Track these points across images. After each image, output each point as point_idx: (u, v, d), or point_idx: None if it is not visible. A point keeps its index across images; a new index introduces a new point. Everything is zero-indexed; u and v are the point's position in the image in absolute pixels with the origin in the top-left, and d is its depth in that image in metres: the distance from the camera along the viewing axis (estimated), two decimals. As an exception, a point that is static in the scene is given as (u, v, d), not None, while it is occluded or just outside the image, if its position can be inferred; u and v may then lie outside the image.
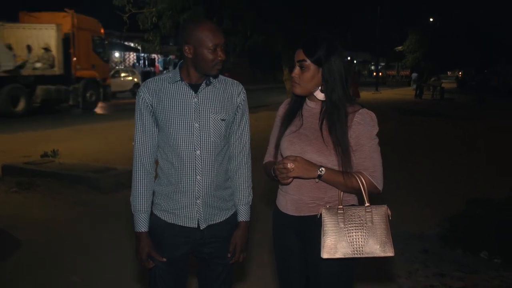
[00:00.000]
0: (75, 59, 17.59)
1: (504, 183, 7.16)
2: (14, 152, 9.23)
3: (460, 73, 54.32)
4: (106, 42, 21.19)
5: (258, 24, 14.68)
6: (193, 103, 2.18)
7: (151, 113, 2.20)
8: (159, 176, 2.29)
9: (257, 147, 2.52)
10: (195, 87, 2.19)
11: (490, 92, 31.12)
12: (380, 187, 2.11)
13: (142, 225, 2.25)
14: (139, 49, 35.17)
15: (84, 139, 11.15)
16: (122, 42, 37.16)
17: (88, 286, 3.88)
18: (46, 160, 8.08)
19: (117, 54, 38.89)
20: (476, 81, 38.93)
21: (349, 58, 54.81)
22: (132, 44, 33.90)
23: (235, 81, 2.32)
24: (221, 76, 2.28)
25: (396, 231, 4.66)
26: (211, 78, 2.21)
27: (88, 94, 18.32)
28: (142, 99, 2.20)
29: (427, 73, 32.25)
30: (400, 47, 44.45)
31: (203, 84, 2.20)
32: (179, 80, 2.19)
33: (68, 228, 5.19)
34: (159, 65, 41.12)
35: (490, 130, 13.89)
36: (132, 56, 40.59)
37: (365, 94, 28.27)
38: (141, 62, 40.65)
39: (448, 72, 59.19)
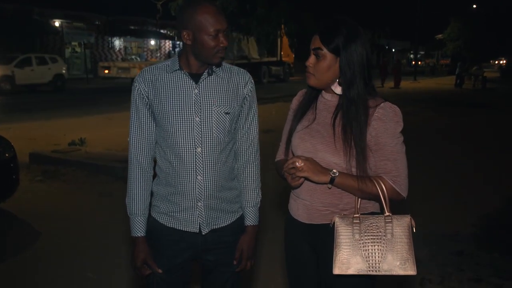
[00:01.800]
0: (282, 52, 30.23)
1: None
2: (45, 140, 9.29)
3: (502, 62, 52.39)
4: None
5: (292, 12, 14.34)
6: (193, 95, 1.94)
7: (147, 106, 1.98)
8: (158, 175, 2.07)
9: (277, 140, 2.26)
10: (195, 77, 1.96)
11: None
12: (404, 193, 1.82)
13: (138, 229, 2.04)
14: (174, 37, 35.23)
15: (115, 127, 11.08)
16: (157, 30, 37.28)
17: (102, 282, 3.74)
18: (73, 148, 8.08)
19: (152, 42, 39.07)
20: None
21: (387, 46, 53.65)
22: (166, 32, 33.97)
23: (241, 69, 2.08)
24: (225, 65, 2.04)
25: (427, 230, 4.44)
26: (213, 67, 1.98)
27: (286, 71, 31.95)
28: (137, 90, 1.98)
29: (469, 62, 31.17)
30: (440, 35, 43.18)
31: (205, 74, 1.97)
32: (178, 69, 1.96)
33: (88, 220, 5.08)
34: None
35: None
36: (168, 44, 40.73)
37: (404, 84, 27.51)
38: (177, 50, 40.70)
39: (491, 61, 57.15)
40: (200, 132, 1.94)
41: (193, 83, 1.95)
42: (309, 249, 2.01)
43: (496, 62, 57.00)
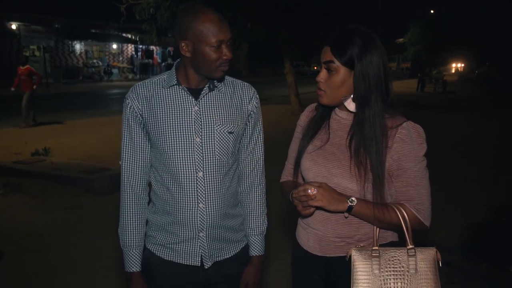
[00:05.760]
0: None
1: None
2: (5, 149, 8.82)
3: (460, 65, 53.89)
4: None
5: (260, 16, 14.17)
6: (193, 113, 1.75)
7: (141, 125, 1.77)
8: (153, 202, 1.85)
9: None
10: (195, 93, 1.76)
11: (493, 84, 30.66)
12: (427, 223, 1.67)
13: (133, 264, 1.83)
14: (137, 41, 34.65)
15: (79, 135, 10.70)
16: (119, 33, 36.59)
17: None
18: (37, 159, 7.70)
19: (114, 46, 38.33)
20: (477, 74, 38.47)
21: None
22: (129, 36, 33.39)
23: (245, 83, 1.89)
24: (228, 78, 1.84)
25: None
26: (215, 81, 1.79)
27: None
28: (130, 107, 1.76)
29: (429, 66, 31.82)
30: (401, 39, 43.93)
31: (206, 89, 1.77)
32: (176, 84, 1.76)
33: (56, 236, 4.78)
34: (157, 57, 40.54)
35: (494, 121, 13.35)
36: (130, 48, 40.00)
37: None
38: (139, 54, 40.05)
39: (449, 66, 58.62)
40: (201, 155, 1.74)
41: (193, 99, 1.76)
42: (320, 283, 1.82)
43: (454, 65, 58.48)
